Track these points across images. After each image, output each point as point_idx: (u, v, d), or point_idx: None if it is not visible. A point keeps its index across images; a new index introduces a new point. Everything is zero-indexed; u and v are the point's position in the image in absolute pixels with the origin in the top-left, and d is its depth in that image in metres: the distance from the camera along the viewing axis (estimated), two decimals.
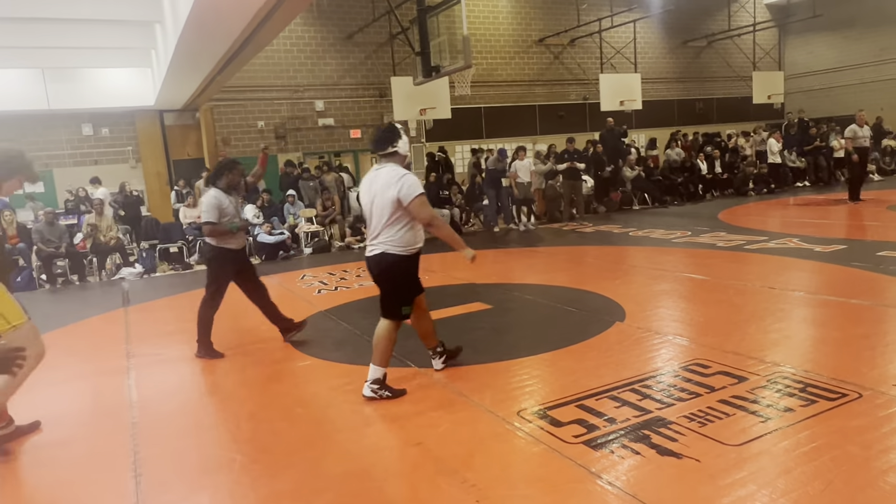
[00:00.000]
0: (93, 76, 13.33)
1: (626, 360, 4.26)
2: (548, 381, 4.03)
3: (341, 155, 16.63)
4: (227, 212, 4.91)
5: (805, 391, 3.52)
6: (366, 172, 15.73)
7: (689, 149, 16.34)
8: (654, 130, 19.98)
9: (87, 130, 14.30)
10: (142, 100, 13.67)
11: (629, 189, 14.44)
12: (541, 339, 4.91)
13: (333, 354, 4.92)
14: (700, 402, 3.46)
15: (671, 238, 9.49)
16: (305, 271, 9.21)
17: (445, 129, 16.96)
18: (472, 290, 6.88)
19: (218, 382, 4.51)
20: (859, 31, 21.52)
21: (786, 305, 5.35)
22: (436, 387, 4.05)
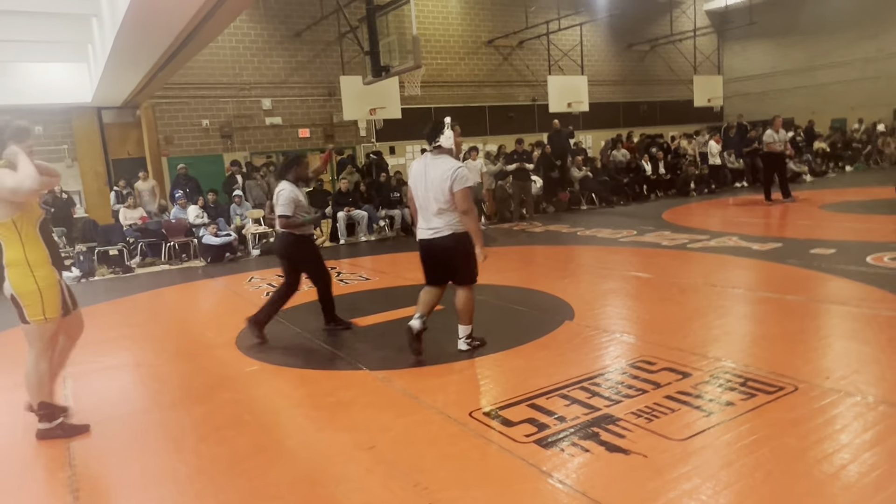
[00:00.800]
0: (25, 71, 12.70)
1: (576, 358, 4.32)
2: (499, 381, 4.05)
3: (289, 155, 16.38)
4: (302, 204, 5.24)
5: (745, 385, 3.65)
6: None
7: (634, 150, 16.75)
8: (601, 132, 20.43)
9: None
10: (78, 96, 13.09)
11: (577, 189, 14.69)
12: (492, 340, 4.91)
13: (283, 359, 4.83)
14: (646, 399, 3.54)
15: (618, 237, 9.69)
16: (253, 273, 9.02)
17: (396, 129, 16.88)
18: None
19: (161, 390, 4.36)
20: (793, 38, 22.52)
21: (726, 302, 5.53)
22: (387, 389, 4.02)
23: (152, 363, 5.02)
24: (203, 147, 15.36)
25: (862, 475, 2.67)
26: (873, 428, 3.07)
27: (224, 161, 15.06)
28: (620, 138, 17.35)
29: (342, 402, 3.90)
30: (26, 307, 3.41)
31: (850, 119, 20.89)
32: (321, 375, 4.45)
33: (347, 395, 4.00)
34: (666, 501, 2.58)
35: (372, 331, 5.46)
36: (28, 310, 3.41)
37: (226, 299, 7.62)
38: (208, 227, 10.54)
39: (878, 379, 3.63)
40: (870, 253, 6.98)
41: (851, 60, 21.21)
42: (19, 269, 3.36)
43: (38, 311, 3.43)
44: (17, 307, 3.44)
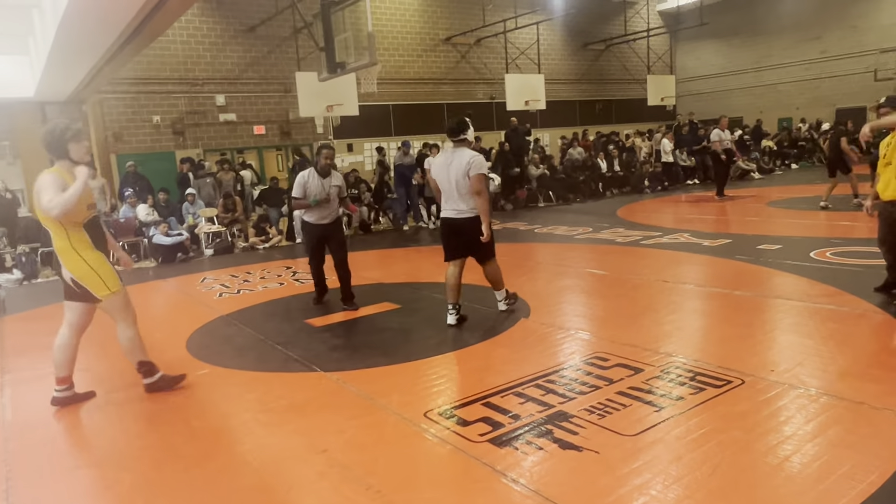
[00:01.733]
0: None
1: (531, 355, 4.34)
2: (455, 380, 4.04)
3: (244, 152, 16.03)
4: (312, 190, 5.76)
5: (695, 380, 3.71)
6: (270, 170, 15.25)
7: (590, 148, 16.97)
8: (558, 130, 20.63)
9: None
10: (19, 90, 12.56)
11: (535, 187, 14.80)
12: (448, 338, 4.91)
13: (234, 361, 4.71)
14: (599, 395, 3.58)
15: (574, 234, 9.79)
16: (206, 274, 8.81)
17: (353, 126, 16.73)
18: (381, 290, 6.81)
19: (105, 397, 4.21)
20: (742, 39, 23.17)
21: (677, 298, 5.64)
22: (342, 391, 3.96)
23: (97, 369, 4.84)
24: (154, 144, 14.92)
25: (804, 466, 2.75)
26: (815, 419, 3.16)
27: (176, 158, 14.66)
28: (577, 136, 17.57)
29: (295, 404, 3.83)
30: (89, 287, 3.76)
31: (795, 118, 21.61)
32: (274, 378, 4.36)
33: (300, 398, 3.93)
34: (617, 497, 2.60)
35: (327, 331, 5.38)
36: (92, 289, 3.77)
37: (177, 301, 7.41)
38: (159, 226, 10.23)
39: (820, 371, 3.74)
40: (813, 248, 7.21)
41: (796, 62, 21.95)
42: (69, 255, 3.74)
43: (101, 287, 3.79)
44: (81, 289, 3.80)
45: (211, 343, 5.28)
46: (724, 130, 12.81)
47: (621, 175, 16.19)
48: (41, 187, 3.61)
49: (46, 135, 3.76)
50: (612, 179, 16.08)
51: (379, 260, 8.94)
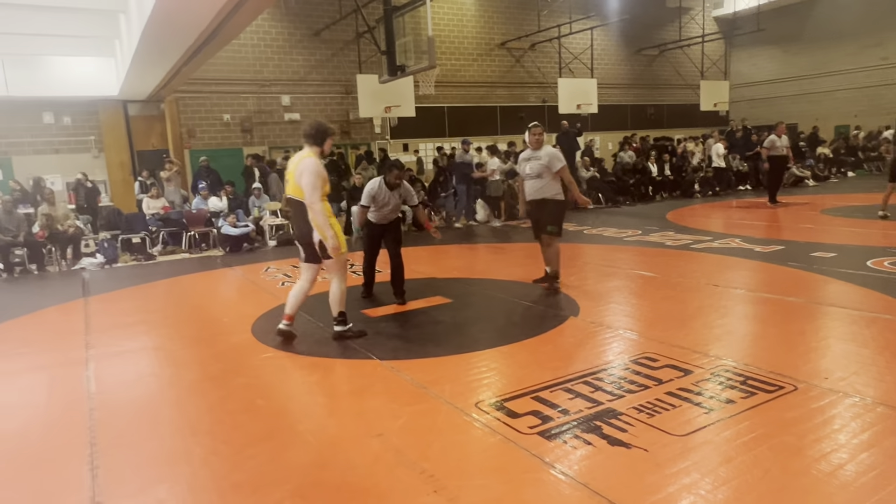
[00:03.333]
0: (54, 64, 12.78)
1: (580, 353, 4.30)
2: (505, 373, 4.04)
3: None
4: (380, 200, 5.95)
5: (745, 384, 3.61)
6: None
7: (641, 152, 16.63)
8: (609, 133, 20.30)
9: (48, 119, 13.72)
10: (105, 89, 13.17)
11: (584, 189, 14.59)
12: (499, 333, 4.92)
13: (296, 347, 4.83)
14: (648, 394, 3.52)
15: (623, 236, 9.64)
16: (270, 263, 9.05)
17: (410, 127, 16.88)
18: (433, 285, 6.86)
19: (178, 374, 4.38)
20: (799, 45, 22.24)
21: (728, 302, 5.49)
22: (396, 379, 4.02)
23: (170, 348, 5.04)
24: (224, 140, 15.40)
25: (859, 475, 2.64)
26: (871, 428, 3.02)
27: (243, 154, 15.09)
28: (629, 140, 17.23)
29: (353, 389, 3.91)
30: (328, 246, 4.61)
31: (854, 126, 20.63)
32: (333, 364, 4.45)
33: (357, 384, 4.01)
34: (666, 495, 2.55)
35: (382, 321, 5.46)
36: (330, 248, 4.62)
37: (243, 288, 7.65)
38: (227, 217, 10.55)
39: (877, 381, 3.58)
40: (870, 257, 6.89)
41: (856, 69, 20.94)
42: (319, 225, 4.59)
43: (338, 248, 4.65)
44: (322, 248, 4.67)
45: (274, 329, 5.38)
46: (780, 137, 12.30)
47: (672, 179, 15.81)
48: (307, 170, 4.57)
49: (313, 126, 4.74)
50: (662, 183, 15.72)
51: (431, 256, 9.00)
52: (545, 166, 5.95)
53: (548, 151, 6.01)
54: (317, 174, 4.59)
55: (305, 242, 4.85)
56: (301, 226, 4.81)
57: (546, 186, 6.01)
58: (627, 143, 16.88)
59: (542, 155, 6.00)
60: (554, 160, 5.95)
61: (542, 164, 5.97)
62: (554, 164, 5.94)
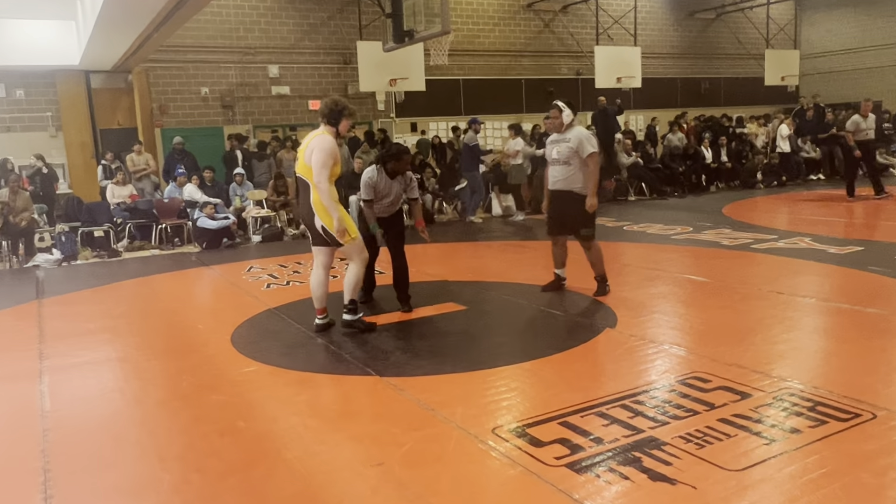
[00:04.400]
0: (6, 28, 12.93)
1: (617, 371, 4.29)
2: (528, 394, 4.04)
3: (298, 129, 16.46)
4: (380, 191, 5.94)
5: (814, 410, 3.58)
6: None
7: (693, 134, 16.54)
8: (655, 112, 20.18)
9: None
10: (64, 58, 13.30)
11: (625, 177, 14.56)
12: (521, 347, 4.92)
13: (282, 360, 4.86)
14: (698, 421, 3.50)
15: (670, 234, 9.60)
16: (253, 262, 9.10)
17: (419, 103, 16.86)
18: (445, 289, 6.87)
19: (146, 390, 4.43)
20: (883, 8, 21.96)
21: (795, 313, 5.44)
22: (400, 399, 4.03)
23: (137, 359, 5.09)
24: (201, 118, 15.52)
25: None
26: None
27: (224, 134, 15.20)
28: (679, 120, 17.14)
29: (348, 410, 3.92)
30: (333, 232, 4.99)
31: None
32: (326, 380, 4.48)
33: (354, 404, 4.03)
34: None
35: (384, 331, 5.48)
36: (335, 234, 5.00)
37: (222, 290, 7.70)
38: (204, 208, 10.62)
39: None
40: None
41: None
42: (322, 207, 4.99)
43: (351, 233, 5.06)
44: (328, 234, 5.07)
45: (257, 338, 5.46)
46: (865, 117, 12.01)
47: (729, 166, 15.71)
48: (318, 147, 4.95)
49: (327, 105, 5.10)
50: (717, 171, 15.62)
51: (442, 255, 9.03)
52: (574, 150, 5.96)
53: (578, 133, 6.01)
54: (328, 152, 4.94)
55: (309, 224, 5.26)
56: (305, 208, 5.18)
57: (574, 176, 6.03)
58: (677, 123, 16.78)
59: (570, 137, 6.00)
60: (584, 143, 5.95)
61: (570, 147, 5.97)
62: (584, 147, 5.94)
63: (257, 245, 10.75)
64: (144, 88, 14.77)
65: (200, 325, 6.00)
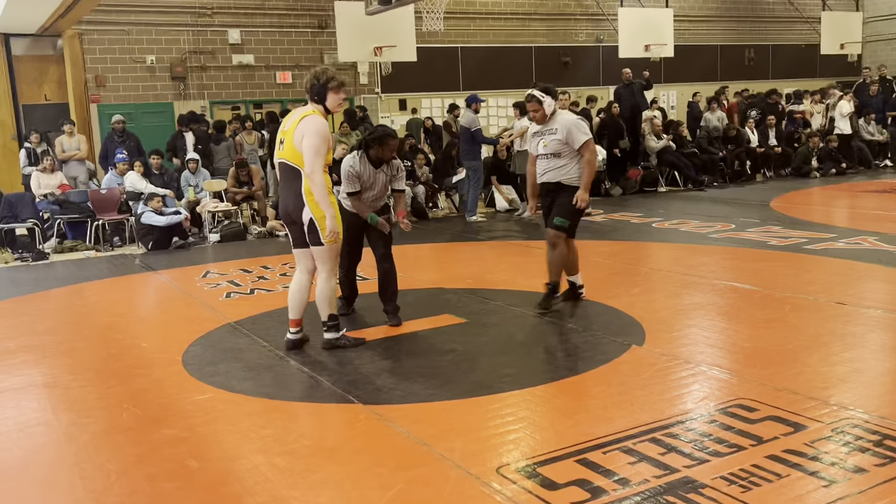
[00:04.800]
0: None
1: (645, 398, 4.28)
2: (539, 425, 4.03)
3: (263, 106, 16.47)
4: (365, 183, 5.99)
5: (881, 445, 3.58)
6: None
7: (735, 112, 16.58)
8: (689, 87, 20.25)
9: None
10: None
11: (654, 164, 14.58)
12: (531, 368, 4.91)
13: (245, 384, 4.84)
14: (743, 459, 3.49)
15: (708, 232, 9.61)
16: (210, 266, 9.09)
17: (409, 76, 16.92)
18: (440, 298, 6.87)
19: (79, 422, 4.40)
20: None
21: (858, 328, 5.44)
22: (387, 432, 4.01)
23: (68, 385, 5.05)
24: (147, 92, 15.51)
25: None
26: None
27: (175, 112, 15.19)
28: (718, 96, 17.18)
29: (324, 446, 3.90)
30: (322, 230, 5.07)
31: None
32: (298, 409, 4.45)
33: (332, 438, 4.01)
34: None
35: (369, 350, 5.47)
36: (323, 232, 5.08)
37: (171, 300, 7.66)
38: (149, 201, 10.57)
39: None
40: None
41: None
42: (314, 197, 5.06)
43: None
44: (312, 231, 5.14)
45: (215, 358, 5.43)
46: None
47: (778, 151, 15.75)
48: (310, 130, 5.01)
49: (312, 77, 5.18)
50: (764, 157, 15.67)
51: (438, 257, 9.02)
52: (562, 141, 5.97)
53: (565, 121, 6.03)
54: (322, 137, 5.03)
55: (292, 221, 5.29)
56: (290, 200, 5.21)
57: (566, 167, 6.05)
58: (716, 99, 16.83)
59: (556, 126, 6.02)
60: (574, 131, 5.96)
61: (557, 138, 6.00)
62: (575, 136, 5.95)
63: (215, 245, 10.73)
64: (77, 56, 14.75)
65: (145, 343, 5.97)
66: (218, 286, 7.90)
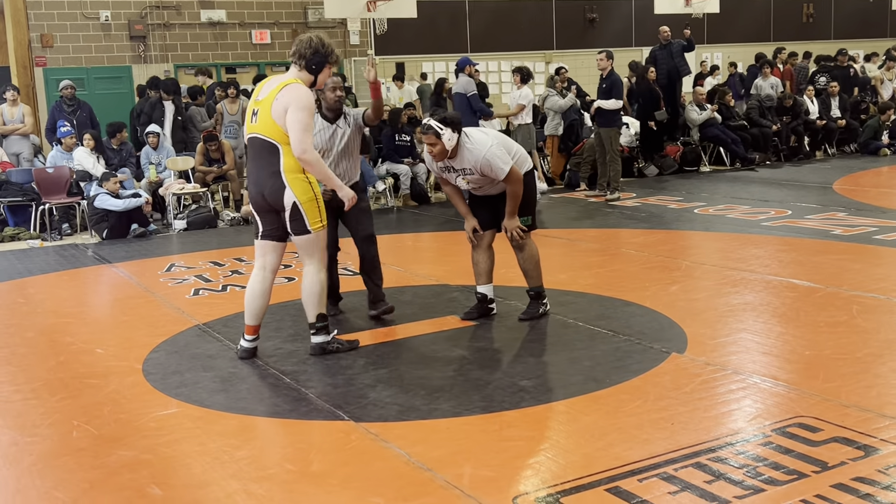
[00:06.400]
0: None
1: (688, 415, 4.26)
2: (563, 447, 4.00)
3: (237, 71, 16.45)
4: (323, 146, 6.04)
5: None
6: None
7: (791, 79, 16.50)
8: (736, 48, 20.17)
9: None
10: None
11: (695, 140, 14.53)
12: (553, 379, 4.90)
13: (216, 398, 4.83)
14: (804, 488, 3.47)
15: (759, 219, 9.60)
16: (174, 258, 9.10)
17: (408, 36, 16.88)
18: (443, 296, 6.87)
19: (23, 443, 4.39)
20: None
21: None
22: (382, 454, 4.00)
23: (8, 398, 5.05)
24: (101, 54, 15.50)
25: None
26: None
27: (134, 77, 15.18)
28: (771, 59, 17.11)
29: (310, 472, 3.89)
30: (308, 214, 5.14)
31: None
32: (278, 427, 4.45)
33: (319, 461, 3.99)
34: None
35: (361, 357, 5.46)
36: (309, 218, 5.16)
37: (130, 298, 7.65)
38: (104, 182, 10.56)
39: None
40: None
41: None
42: (299, 177, 5.13)
43: (316, 217, 5.20)
44: (295, 218, 5.15)
45: (181, 367, 5.42)
46: None
47: (842, 124, 15.69)
48: (296, 101, 5.00)
49: (315, 44, 5.19)
50: (826, 131, 15.60)
51: (441, 248, 8.98)
52: (483, 176, 5.76)
53: (473, 158, 5.67)
54: (310, 110, 5.08)
55: (267, 207, 5.27)
56: (266, 181, 5.18)
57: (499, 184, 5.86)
58: (769, 63, 16.76)
59: (465, 164, 5.74)
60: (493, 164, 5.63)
61: (475, 177, 5.81)
62: (495, 170, 5.66)
63: (181, 234, 10.74)
64: (20, 12, 14.75)
65: (100, 349, 5.96)
66: (184, 282, 7.91)
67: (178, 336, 6.08)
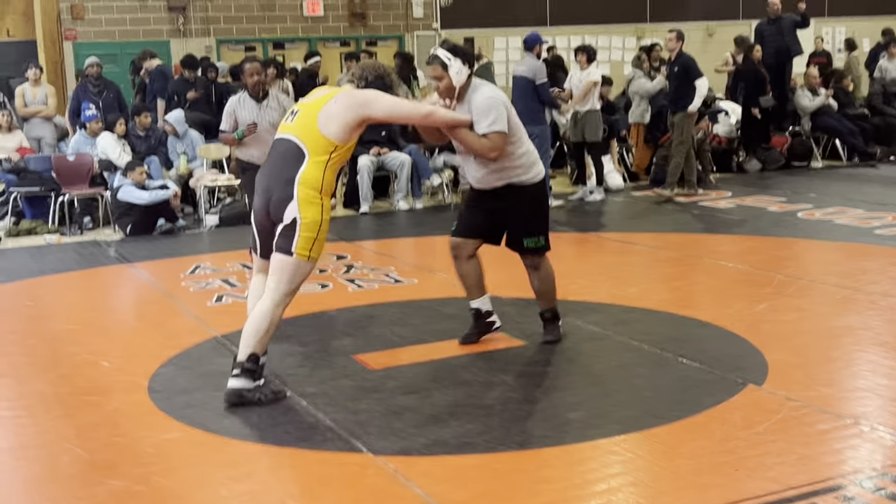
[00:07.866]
0: None
1: (758, 460, 4.16)
2: (622, 489, 3.96)
3: (285, 46, 16.62)
4: (244, 120, 7.15)
5: None
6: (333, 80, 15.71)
7: None
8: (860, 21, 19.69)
9: None
10: None
11: (807, 130, 14.26)
12: (604, 412, 4.85)
13: (222, 423, 4.86)
14: None
15: (875, 227, 9.42)
16: (201, 258, 9.21)
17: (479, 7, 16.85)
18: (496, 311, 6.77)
19: (8, 465, 4.48)
20: None
21: None
22: (402, 494, 3.98)
23: (4, 413, 5.14)
24: (136, 27, 15.74)
25: None
26: None
27: (172, 53, 15.38)
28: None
29: None
30: (300, 236, 4.97)
31: None
32: (287, 458, 4.46)
33: (328, 499, 4.00)
34: None
35: (388, 378, 5.46)
36: (300, 241, 4.98)
37: (147, 304, 7.77)
38: (129, 171, 10.67)
39: None
40: None
41: None
42: (315, 197, 5.05)
43: (307, 246, 5.01)
44: (286, 235, 5.00)
45: (189, 385, 5.48)
46: None
47: None
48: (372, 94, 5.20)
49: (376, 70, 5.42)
50: None
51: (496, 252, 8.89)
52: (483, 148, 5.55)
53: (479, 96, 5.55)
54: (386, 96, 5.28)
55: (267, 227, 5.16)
56: (274, 187, 5.12)
57: (509, 158, 5.65)
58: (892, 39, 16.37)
59: (470, 106, 5.57)
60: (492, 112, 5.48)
61: None
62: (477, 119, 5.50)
63: (212, 231, 10.87)
64: None
65: (105, 362, 6.03)
66: (208, 286, 8.00)
67: (193, 349, 6.15)
